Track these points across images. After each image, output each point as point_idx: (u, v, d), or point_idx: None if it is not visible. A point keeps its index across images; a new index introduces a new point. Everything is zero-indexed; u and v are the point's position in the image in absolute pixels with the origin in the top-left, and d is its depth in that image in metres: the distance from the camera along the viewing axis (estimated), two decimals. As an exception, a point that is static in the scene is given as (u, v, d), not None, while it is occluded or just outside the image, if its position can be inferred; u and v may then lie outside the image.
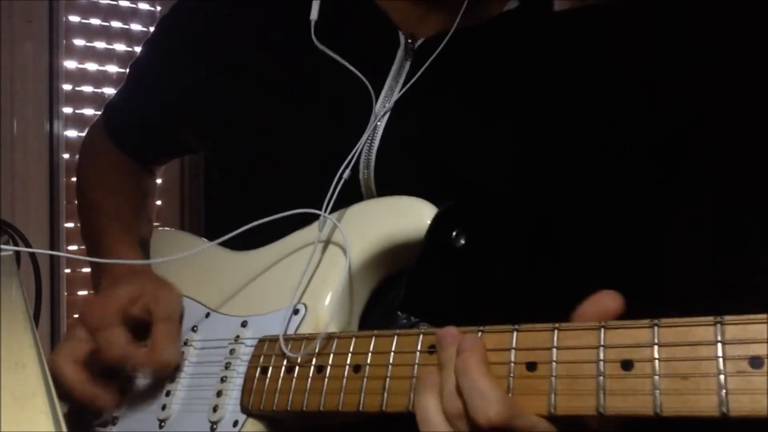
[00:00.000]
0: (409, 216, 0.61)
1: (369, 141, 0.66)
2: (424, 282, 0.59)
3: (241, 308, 0.68)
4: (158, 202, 1.25)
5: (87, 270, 1.73)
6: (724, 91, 0.65)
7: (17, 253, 0.69)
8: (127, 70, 0.89)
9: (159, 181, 0.96)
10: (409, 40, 0.68)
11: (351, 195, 0.65)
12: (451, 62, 0.65)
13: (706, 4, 0.65)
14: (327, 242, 0.65)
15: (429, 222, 0.59)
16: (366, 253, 0.62)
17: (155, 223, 0.91)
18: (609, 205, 0.64)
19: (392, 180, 0.65)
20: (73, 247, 1.68)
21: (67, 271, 1.66)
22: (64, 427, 0.29)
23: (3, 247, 0.67)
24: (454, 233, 0.59)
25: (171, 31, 0.83)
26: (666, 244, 0.65)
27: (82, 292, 1.71)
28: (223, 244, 0.76)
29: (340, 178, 0.63)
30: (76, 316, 0.87)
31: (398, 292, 0.59)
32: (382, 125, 0.66)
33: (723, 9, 0.65)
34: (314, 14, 0.69)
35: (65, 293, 1.65)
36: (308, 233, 0.67)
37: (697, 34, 0.65)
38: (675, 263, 0.66)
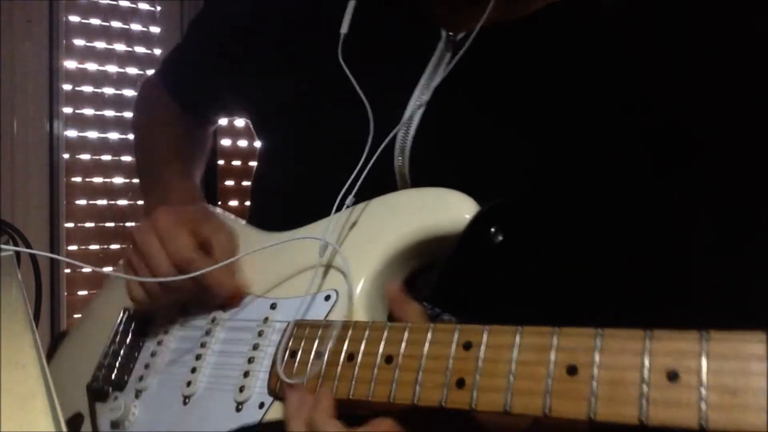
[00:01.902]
0: (450, 210, 0.60)
1: (405, 128, 0.66)
2: (457, 277, 0.59)
3: (270, 290, 0.68)
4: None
5: (87, 270, 1.73)
6: (737, 91, 0.65)
7: (17, 253, 0.69)
8: (187, 28, 0.93)
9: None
10: (450, 33, 0.68)
11: (385, 182, 0.65)
12: (490, 56, 0.65)
13: (708, 2, 0.65)
14: (360, 230, 0.65)
15: (469, 217, 0.59)
16: (403, 243, 0.62)
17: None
18: (632, 208, 0.64)
19: (426, 169, 0.65)
20: (73, 247, 1.68)
21: (67, 271, 1.66)
22: (63, 427, 0.29)
23: (3, 247, 0.67)
24: (492, 230, 0.59)
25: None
26: (683, 244, 0.65)
27: (82, 292, 1.71)
28: (254, 223, 0.77)
29: (341, 204, 0.64)
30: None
31: (429, 282, 0.59)
32: (418, 116, 0.66)
33: (727, 8, 0.65)
34: (345, 28, 0.69)
35: (65, 293, 1.65)
36: (340, 218, 0.67)
37: (702, 32, 0.65)
38: (686, 263, 0.65)
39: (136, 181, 1.47)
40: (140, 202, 1.65)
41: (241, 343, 0.66)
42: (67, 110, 1.67)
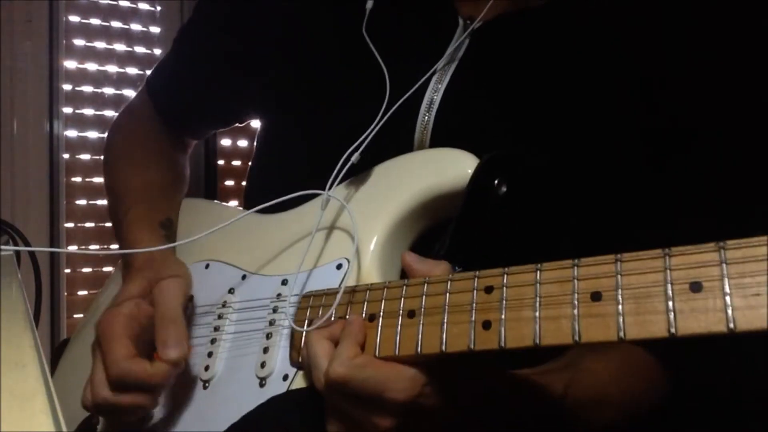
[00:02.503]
0: (451, 166, 0.61)
1: (427, 110, 0.66)
2: (468, 231, 0.59)
3: (278, 268, 0.68)
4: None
5: (87, 270, 1.73)
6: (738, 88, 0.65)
7: (17, 253, 0.69)
8: (174, 36, 0.89)
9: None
10: (468, 21, 0.68)
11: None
12: (506, 45, 0.67)
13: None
14: (364, 194, 0.65)
15: (471, 171, 0.59)
16: (410, 204, 0.62)
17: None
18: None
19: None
20: (73, 247, 1.68)
21: (67, 271, 1.65)
22: (64, 427, 0.29)
23: (3, 247, 0.67)
24: (496, 181, 0.60)
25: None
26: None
27: (82, 292, 1.70)
28: (252, 207, 0.77)
29: (347, 160, 0.64)
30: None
31: (442, 242, 0.59)
32: (438, 98, 0.66)
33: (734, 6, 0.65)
34: (370, 3, 0.70)
35: (65, 293, 1.64)
36: (341, 190, 0.67)
37: (705, 28, 0.66)
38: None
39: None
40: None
41: (256, 322, 0.66)
42: (67, 110, 1.67)
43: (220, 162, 1.94)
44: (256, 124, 0.90)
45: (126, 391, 0.64)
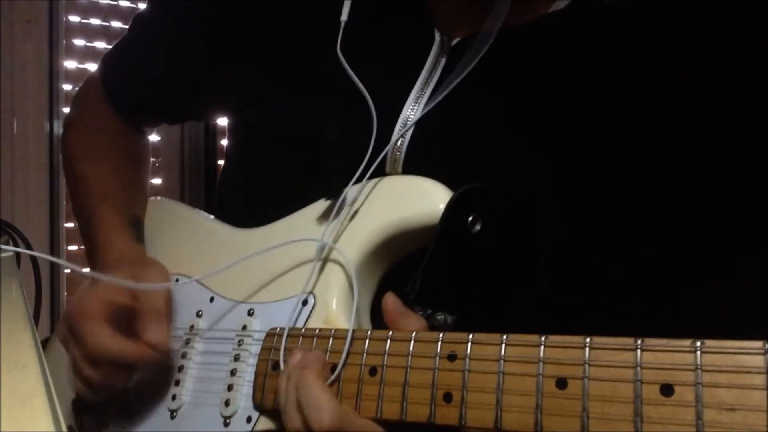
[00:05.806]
0: (421, 200, 0.58)
1: (400, 136, 0.64)
2: (440, 274, 0.57)
3: (246, 294, 0.66)
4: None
5: (87, 270, 1.73)
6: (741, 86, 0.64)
7: (17, 254, 0.69)
8: (130, 23, 0.85)
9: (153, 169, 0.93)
10: (445, 37, 0.67)
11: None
12: (487, 65, 0.64)
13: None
14: (337, 229, 0.63)
15: (443, 207, 0.56)
16: (376, 238, 0.60)
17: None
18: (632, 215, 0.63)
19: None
20: (73, 248, 1.68)
21: (67, 271, 1.66)
22: (63, 427, 0.29)
23: (3, 247, 0.67)
24: (470, 218, 0.57)
25: None
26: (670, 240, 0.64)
27: (82, 292, 1.71)
28: (225, 220, 0.75)
29: (341, 198, 0.62)
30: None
31: (412, 285, 0.57)
32: (411, 127, 0.64)
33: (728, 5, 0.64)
34: (345, 15, 0.68)
35: (65, 293, 1.65)
36: (317, 210, 0.64)
37: (704, 25, 0.64)
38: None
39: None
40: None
41: (221, 355, 0.65)
42: (67, 110, 1.67)
43: (220, 162, 1.94)
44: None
45: (103, 366, 0.65)
